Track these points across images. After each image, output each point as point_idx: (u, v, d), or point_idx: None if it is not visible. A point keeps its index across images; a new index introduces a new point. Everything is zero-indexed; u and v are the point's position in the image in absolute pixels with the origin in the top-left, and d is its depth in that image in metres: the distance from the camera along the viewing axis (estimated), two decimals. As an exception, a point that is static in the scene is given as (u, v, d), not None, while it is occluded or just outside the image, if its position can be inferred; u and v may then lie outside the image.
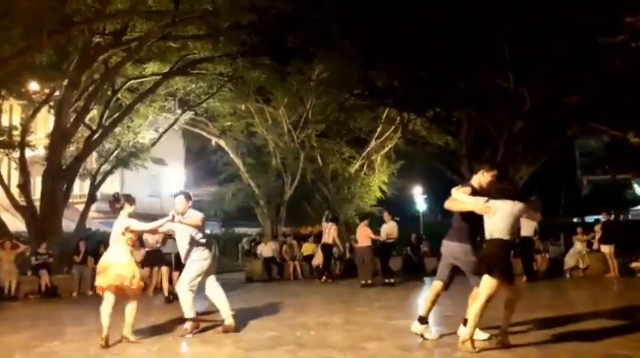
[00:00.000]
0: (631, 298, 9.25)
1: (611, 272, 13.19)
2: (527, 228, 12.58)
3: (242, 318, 7.74)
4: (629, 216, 28.75)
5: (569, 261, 14.03)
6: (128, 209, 6.16)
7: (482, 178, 5.58)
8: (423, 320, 5.60)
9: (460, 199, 5.40)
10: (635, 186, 29.25)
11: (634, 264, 13.33)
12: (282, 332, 6.38)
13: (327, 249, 14.84)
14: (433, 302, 5.60)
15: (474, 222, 5.34)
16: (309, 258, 16.97)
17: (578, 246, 14.10)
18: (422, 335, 5.61)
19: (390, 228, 13.09)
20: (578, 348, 5.06)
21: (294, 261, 16.75)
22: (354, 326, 6.71)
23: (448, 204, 5.53)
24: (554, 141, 18.02)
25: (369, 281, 12.69)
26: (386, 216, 13.48)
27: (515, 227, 5.05)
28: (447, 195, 5.70)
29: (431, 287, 5.70)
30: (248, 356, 5.30)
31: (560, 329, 5.72)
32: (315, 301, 9.92)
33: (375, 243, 13.31)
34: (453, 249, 5.51)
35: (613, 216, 15.90)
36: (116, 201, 6.18)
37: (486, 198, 5.17)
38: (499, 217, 5.03)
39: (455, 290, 5.70)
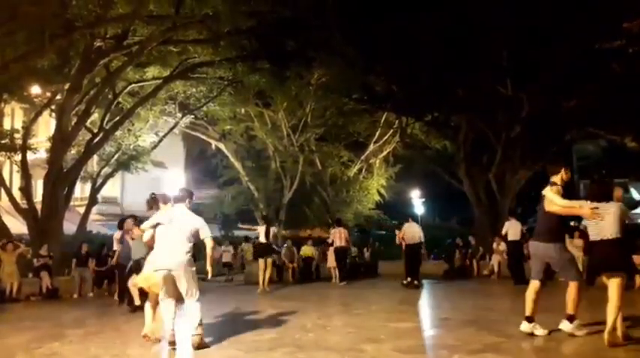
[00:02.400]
0: (626, 301, 9.31)
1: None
2: (515, 231, 12.70)
3: (241, 320, 7.83)
4: (626, 221, 28.76)
5: None
6: (164, 207, 6.17)
7: (564, 175, 5.94)
8: (530, 319, 5.82)
9: (562, 203, 5.63)
10: (632, 190, 29.31)
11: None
12: (281, 334, 6.43)
13: (341, 252, 14.91)
14: (535, 301, 5.82)
15: (562, 221, 5.74)
16: (307, 260, 17.06)
17: (574, 251, 13.92)
18: (532, 333, 5.75)
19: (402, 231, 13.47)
20: (574, 350, 5.13)
21: (293, 263, 16.82)
22: (352, 329, 6.77)
23: (551, 208, 5.70)
24: (552, 145, 18.11)
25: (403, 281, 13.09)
26: (409, 220, 13.83)
27: (623, 225, 5.30)
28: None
29: (529, 287, 5.91)
30: (248, 358, 5.37)
31: (555, 331, 5.79)
32: (313, 303, 9.98)
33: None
34: (545, 250, 5.83)
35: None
36: (154, 202, 6.30)
37: (592, 203, 5.37)
38: (611, 220, 5.24)
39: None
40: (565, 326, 5.67)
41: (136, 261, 9.79)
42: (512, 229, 12.72)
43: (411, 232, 13.15)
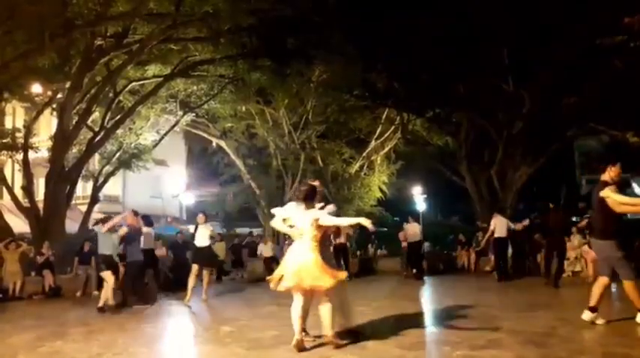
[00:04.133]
0: (628, 297, 9.29)
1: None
2: (501, 228, 12.71)
3: (243, 318, 7.84)
4: (628, 215, 28.77)
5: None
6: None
7: (611, 173, 6.07)
8: (594, 310, 6.09)
9: (628, 201, 5.81)
10: (635, 185, 29.29)
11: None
12: (283, 331, 6.40)
13: (340, 249, 14.92)
14: (601, 295, 6.08)
15: (617, 219, 5.89)
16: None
17: (572, 253, 13.67)
18: (593, 322, 6.05)
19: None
20: (578, 347, 5.13)
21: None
22: (354, 325, 6.76)
23: (620, 209, 5.87)
24: (554, 142, 18.09)
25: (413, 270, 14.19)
26: (410, 220, 15.04)
27: None
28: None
29: (597, 283, 6.16)
30: (249, 355, 5.36)
31: (559, 328, 5.79)
32: (315, 301, 9.98)
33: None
34: (599, 247, 6.06)
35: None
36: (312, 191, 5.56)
37: None
38: None
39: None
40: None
41: (105, 256, 9.72)
42: (499, 226, 12.75)
43: (413, 231, 14.34)
